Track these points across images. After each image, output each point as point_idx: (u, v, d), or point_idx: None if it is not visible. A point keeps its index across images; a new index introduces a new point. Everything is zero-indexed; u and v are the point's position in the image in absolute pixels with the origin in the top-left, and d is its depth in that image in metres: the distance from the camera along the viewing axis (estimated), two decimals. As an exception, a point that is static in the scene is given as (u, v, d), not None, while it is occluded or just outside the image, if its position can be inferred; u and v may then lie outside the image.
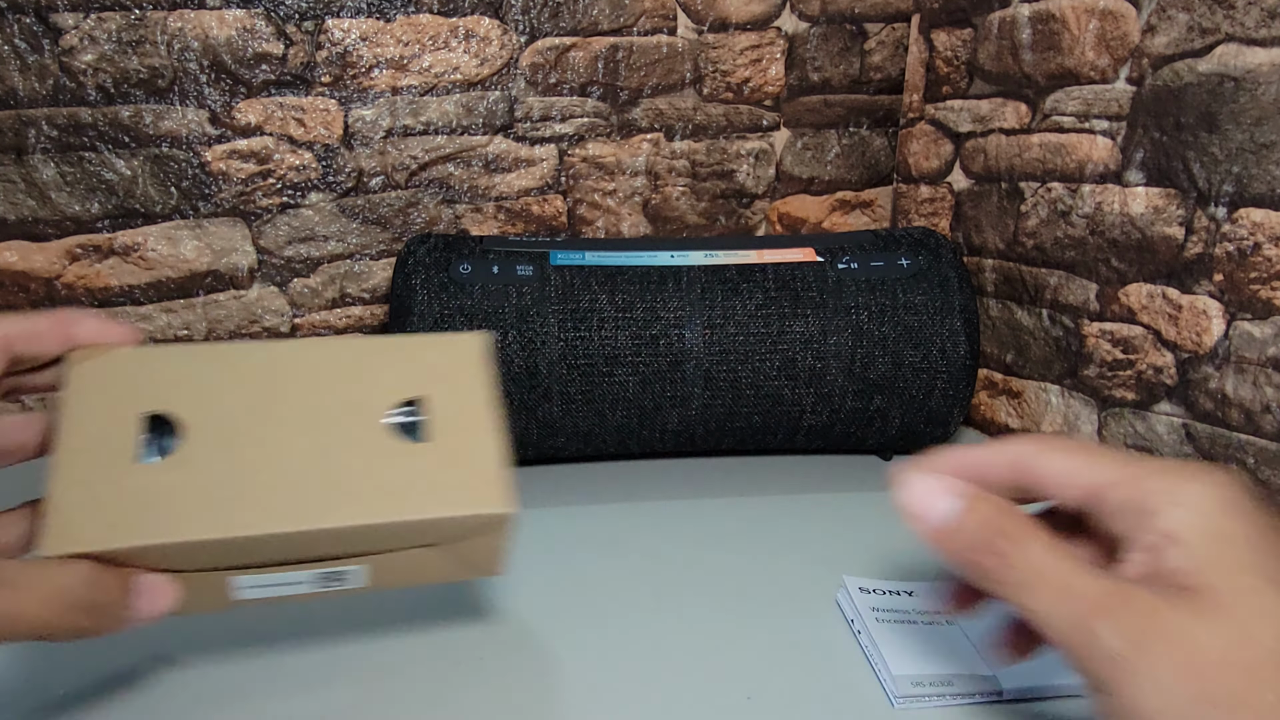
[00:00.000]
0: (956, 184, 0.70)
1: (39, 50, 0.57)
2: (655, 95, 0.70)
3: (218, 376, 0.30)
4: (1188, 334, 0.52)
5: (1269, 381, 0.47)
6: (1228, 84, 0.48)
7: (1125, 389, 0.56)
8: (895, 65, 0.74)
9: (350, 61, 0.63)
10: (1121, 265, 0.55)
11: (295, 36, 0.61)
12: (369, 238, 0.67)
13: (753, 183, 0.74)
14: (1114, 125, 0.55)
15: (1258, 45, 0.46)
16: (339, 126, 0.64)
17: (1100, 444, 0.25)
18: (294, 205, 0.64)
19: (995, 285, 0.67)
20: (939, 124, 0.71)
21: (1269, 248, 0.47)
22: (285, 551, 0.28)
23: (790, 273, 0.55)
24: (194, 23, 0.59)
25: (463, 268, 0.53)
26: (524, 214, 0.70)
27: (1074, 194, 0.58)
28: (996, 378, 0.68)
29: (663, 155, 0.71)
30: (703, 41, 0.69)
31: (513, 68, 0.66)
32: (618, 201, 0.72)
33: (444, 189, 0.67)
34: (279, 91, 0.62)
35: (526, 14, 0.65)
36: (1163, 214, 0.52)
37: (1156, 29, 0.51)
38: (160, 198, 0.62)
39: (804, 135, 0.74)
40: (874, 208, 0.78)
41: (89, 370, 0.28)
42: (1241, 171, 0.47)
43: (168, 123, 0.60)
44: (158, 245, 0.63)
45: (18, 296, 0.61)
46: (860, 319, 0.54)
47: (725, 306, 0.54)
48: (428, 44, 0.64)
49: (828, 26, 0.72)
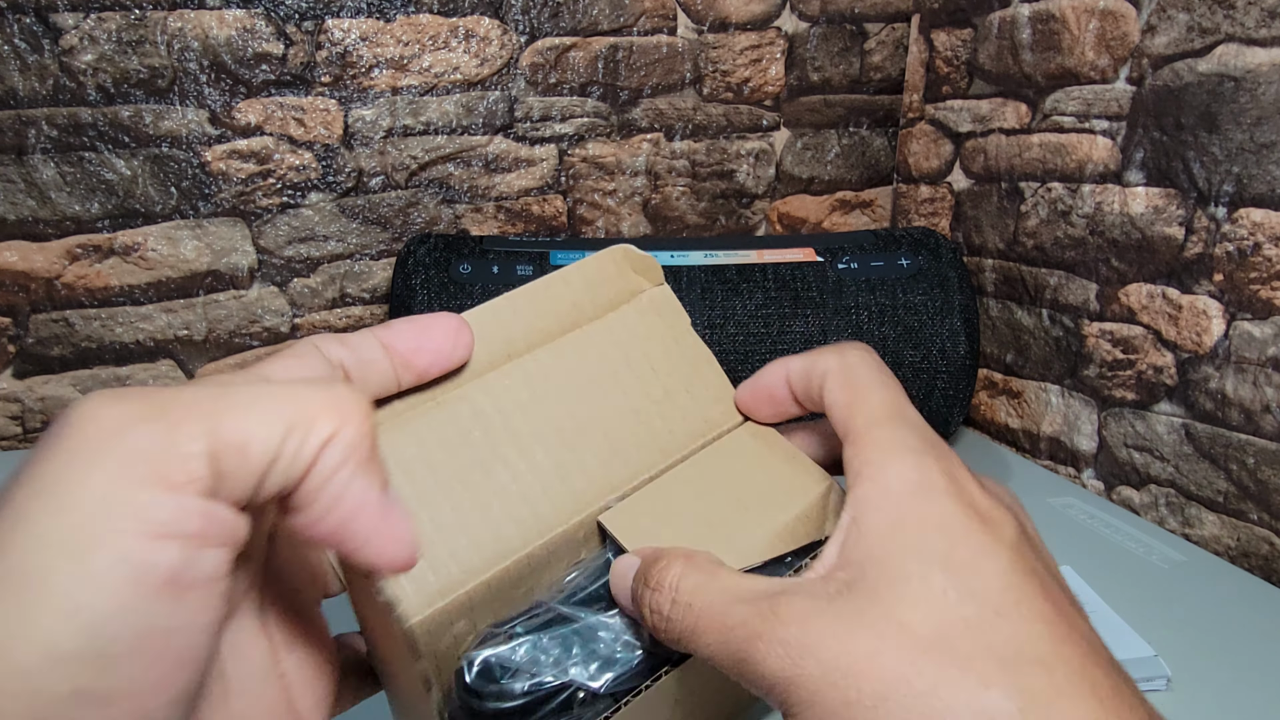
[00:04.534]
0: (956, 184, 0.70)
1: (39, 50, 0.57)
2: (655, 95, 0.70)
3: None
4: (1188, 334, 0.52)
5: (1269, 381, 0.47)
6: (1228, 84, 0.48)
7: (1125, 389, 0.56)
8: (895, 65, 0.74)
9: (350, 61, 0.63)
10: (1121, 265, 0.55)
11: (295, 36, 0.61)
12: (369, 238, 0.67)
13: (753, 183, 0.74)
14: (1114, 125, 0.55)
15: (1258, 45, 0.46)
16: (339, 126, 0.64)
17: (886, 376, 0.24)
18: (294, 205, 0.64)
19: (995, 285, 0.67)
20: (939, 124, 0.71)
21: (1269, 248, 0.47)
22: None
23: (790, 273, 0.55)
24: (194, 23, 0.59)
25: (463, 268, 0.53)
26: (524, 214, 0.70)
27: (1074, 194, 0.58)
28: (996, 378, 0.68)
29: (663, 155, 0.71)
30: (703, 41, 0.69)
31: (513, 68, 0.66)
32: (618, 201, 0.72)
33: (444, 189, 0.67)
34: (279, 91, 0.62)
35: (526, 14, 0.65)
36: (1163, 214, 0.52)
37: (1156, 29, 0.51)
38: (160, 198, 0.62)
39: (804, 135, 0.74)
40: (874, 208, 0.78)
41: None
42: (1241, 171, 0.47)
43: (168, 123, 0.60)
44: (158, 245, 0.63)
45: (18, 296, 0.61)
46: (860, 319, 0.54)
47: (725, 306, 0.54)
48: (428, 44, 0.64)
49: (828, 26, 0.72)
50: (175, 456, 0.16)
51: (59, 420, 0.16)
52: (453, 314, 0.25)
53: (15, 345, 0.62)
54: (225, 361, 0.66)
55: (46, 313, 0.62)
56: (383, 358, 0.23)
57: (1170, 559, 0.49)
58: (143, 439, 0.16)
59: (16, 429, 0.63)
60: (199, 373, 0.66)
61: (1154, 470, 0.55)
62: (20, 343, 0.62)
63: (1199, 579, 0.47)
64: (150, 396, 0.17)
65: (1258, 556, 0.49)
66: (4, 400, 0.63)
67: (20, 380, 0.62)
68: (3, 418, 0.63)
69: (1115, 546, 0.51)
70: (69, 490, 0.15)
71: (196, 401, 0.17)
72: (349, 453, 0.18)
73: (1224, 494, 0.51)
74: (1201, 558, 0.50)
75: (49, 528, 0.15)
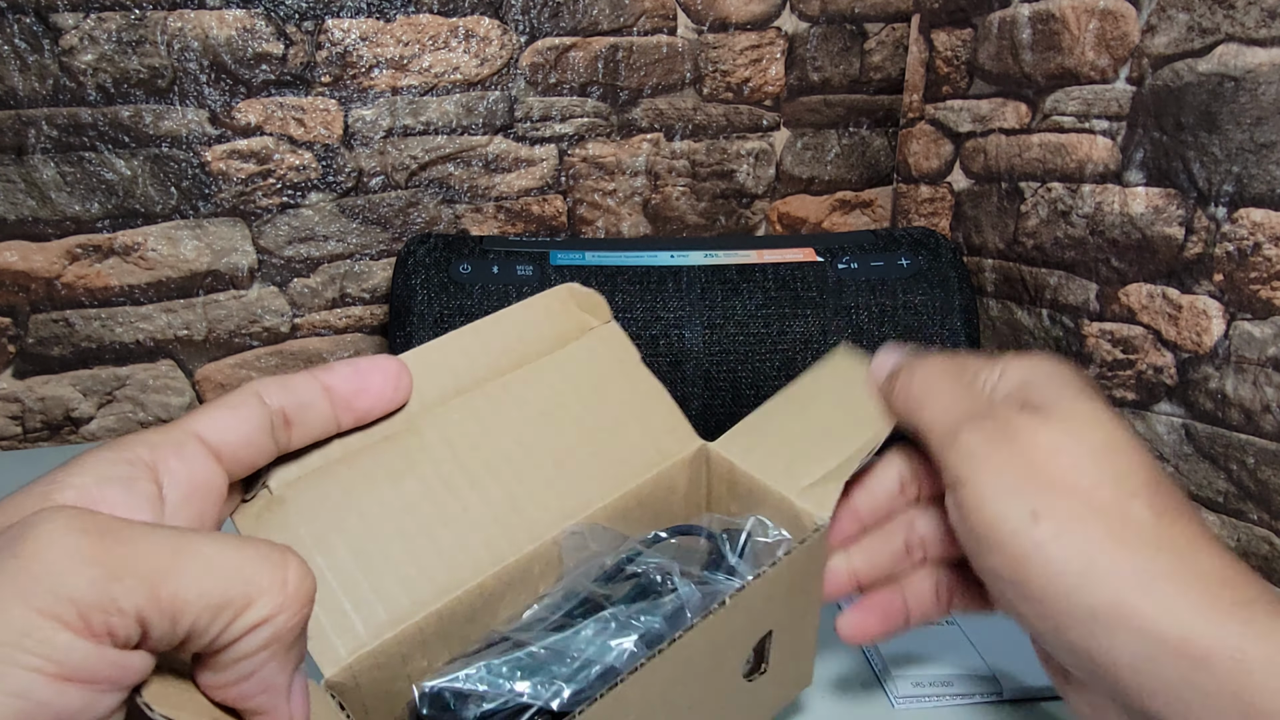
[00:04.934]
0: (956, 184, 0.70)
1: (39, 50, 0.57)
2: (655, 95, 0.70)
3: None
4: (1188, 334, 0.52)
5: (1269, 381, 0.47)
6: (1228, 84, 0.48)
7: (1125, 389, 0.56)
8: (895, 65, 0.74)
9: (350, 61, 0.63)
10: (1121, 265, 0.55)
11: (295, 36, 0.61)
12: (369, 238, 0.67)
13: (753, 183, 0.74)
14: (1114, 125, 0.55)
15: (1258, 45, 0.46)
16: (339, 126, 0.64)
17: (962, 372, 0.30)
18: (294, 205, 0.64)
19: (995, 285, 0.67)
20: (939, 124, 0.71)
21: (1269, 248, 0.47)
22: None
23: (790, 273, 0.55)
24: (194, 23, 0.59)
25: (463, 268, 0.53)
26: (524, 214, 0.70)
27: (1074, 194, 0.58)
28: (996, 378, 0.68)
29: (663, 155, 0.71)
30: (703, 41, 0.69)
31: (513, 68, 0.66)
32: (618, 201, 0.72)
33: (444, 189, 0.67)
34: (279, 91, 0.62)
35: (526, 14, 0.65)
36: (1163, 214, 0.52)
37: (1156, 29, 0.51)
38: (160, 198, 0.62)
39: (804, 135, 0.74)
40: (874, 208, 0.78)
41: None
42: (1241, 171, 0.47)
43: (168, 123, 0.60)
44: (158, 245, 0.63)
45: (18, 296, 0.61)
46: (860, 319, 0.54)
47: (725, 306, 0.54)
48: (428, 44, 0.64)
49: (828, 26, 0.72)
50: (103, 609, 0.16)
51: (19, 527, 0.16)
52: (392, 357, 0.26)
53: (15, 345, 0.62)
54: (225, 361, 0.66)
55: (46, 313, 0.62)
56: (323, 400, 0.24)
57: (1170, 559, 0.49)
58: (80, 583, 0.16)
59: (16, 429, 0.63)
60: (199, 373, 0.66)
61: (1154, 470, 0.55)
62: (20, 343, 0.62)
63: (1199, 579, 0.47)
64: (108, 535, 0.16)
65: (1258, 556, 0.49)
66: (4, 400, 0.63)
67: (20, 380, 0.62)
68: (3, 418, 0.63)
69: (1115, 546, 0.50)
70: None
71: (149, 554, 0.17)
72: (274, 639, 0.18)
73: (1224, 494, 0.51)
74: (1201, 558, 0.50)
75: None
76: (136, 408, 0.65)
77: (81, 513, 0.17)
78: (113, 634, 0.16)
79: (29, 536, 0.16)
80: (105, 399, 0.65)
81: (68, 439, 0.65)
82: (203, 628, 0.17)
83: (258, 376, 0.67)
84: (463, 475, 0.27)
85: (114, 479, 0.19)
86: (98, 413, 0.65)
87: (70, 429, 0.64)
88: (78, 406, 0.64)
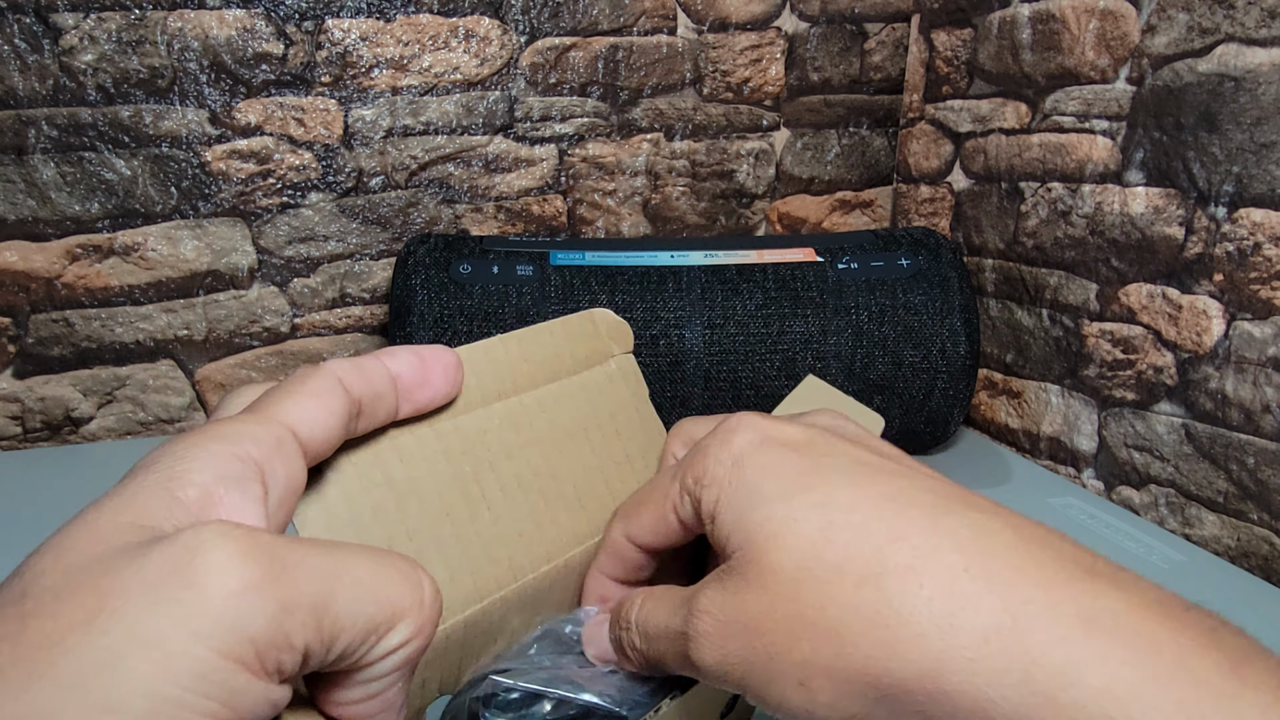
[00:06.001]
0: (956, 184, 0.70)
1: (39, 50, 0.57)
2: (655, 95, 0.70)
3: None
4: (1188, 334, 0.52)
5: (1269, 381, 0.47)
6: (1228, 84, 0.48)
7: (1125, 389, 0.56)
8: (895, 65, 0.74)
9: (350, 61, 0.63)
10: (1121, 265, 0.55)
11: (295, 36, 0.61)
12: (369, 238, 0.67)
13: (753, 183, 0.74)
14: (1114, 125, 0.55)
15: (1258, 45, 0.46)
16: (339, 126, 0.64)
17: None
18: (294, 205, 0.64)
19: (995, 285, 0.67)
20: (939, 124, 0.71)
21: (1269, 248, 0.47)
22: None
23: (790, 273, 0.55)
24: (194, 23, 0.59)
25: (463, 268, 0.53)
26: (524, 214, 0.70)
27: (1074, 194, 0.58)
28: (996, 378, 0.68)
29: (663, 155, 0.71)
30: (703, 41, 0.69)
31: (513, 68, 0.66)
32: (618, 201, 0.72)
33: (444, 189, 0.67)
34: (279, 91, 0.62)
35: (526, 14, 0.65)
36: (1163, 214, 0.52)
37: (1156, 29, 0.51)
38: (160, 198, 0.62)
39: (804, 135, 0.74)
40: (874, 208, 0.78)
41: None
42: (1241, 171, 0.47)
43: (168, 123, 0.60)
44: (158, 245, 0.63)
45: (18, 296, 0.61)
46: (860, 319, 0.54)
47: (725, 306, 0.54)
48: (428, 44, 0.64)
49: (828, 26, 0.72)
50: (277, 646, 0.15)
51: (178, 549, 0.15)
52: (450, 349, 0.25)
53: (15, 345, 0.62)
54: (225, 361, 0.66)
55: (46, 313, 0.62)
56: (392, 391, 0.23)
57: (1170, 559, 0.49)
58: (259, 620, 0.15)
59: (16, 429, 0.63)
60: (199, 373, 0.66)
61: (1154, 470, 0.55)
62: (20, 343, 0.62)
63: (1199, 579, 0.47)
64: (275, 562, 0.15)
65: (1258, 556, 0.49)
66: (4, 400, 0.63)
67: (20, 380, 0.62)
68: (3, 418, 0.63)
69: (1115, 546, 0.51)
70: (166, 650, 0.14)
71: (312, 580, 0.16)
72: (410, 660, 0.17)
73: (1224, 494, 0.51)
74: (1202, 558, 0.50)
75: (134, 676, 0.14)
76: (136, 408, 0.65)
77: (242, 534, 0.15)
78: (281, 671, 0.15)
79: (198, 565, 0.15)
80: (105, 399, 0.65)
81: (68, 439, 0.65)
82: (351, 651, 0.16)
83: (258, 377, 0.67)
84: (496, 483, 0.27)
85: (231, 479, 0.18)
86: (98, 413, 0.65)
87: (70, 429, 0.64)
88: (78, 406, 0.64)
